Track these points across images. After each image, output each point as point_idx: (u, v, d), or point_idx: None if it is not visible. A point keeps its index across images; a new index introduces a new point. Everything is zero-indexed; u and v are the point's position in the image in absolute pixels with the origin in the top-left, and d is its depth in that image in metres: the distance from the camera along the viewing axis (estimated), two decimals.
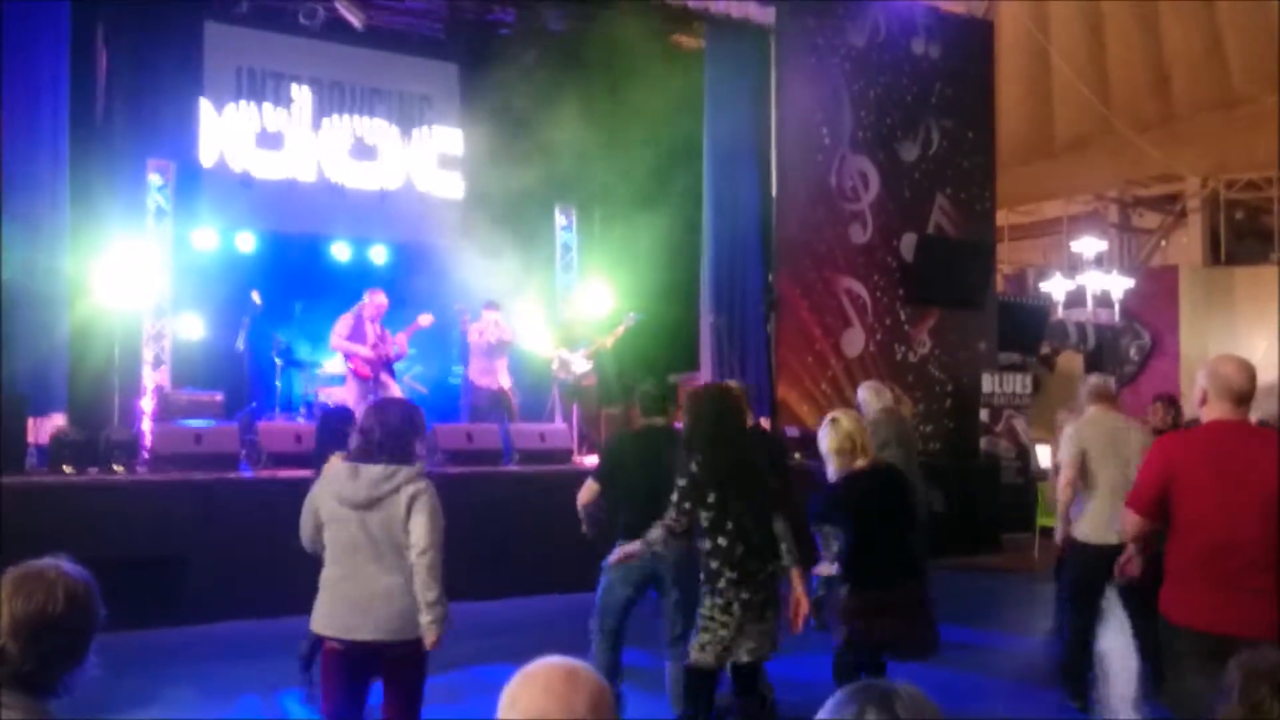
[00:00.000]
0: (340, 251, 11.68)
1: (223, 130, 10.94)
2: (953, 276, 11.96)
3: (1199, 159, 18.52)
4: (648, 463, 4.80)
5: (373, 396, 9.37)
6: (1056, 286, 17.31)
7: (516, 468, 8.71)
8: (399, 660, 3.61)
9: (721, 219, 10.77)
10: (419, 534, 3.55)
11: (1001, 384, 12.19)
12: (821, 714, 1.51)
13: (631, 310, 10.69)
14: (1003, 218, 16.78)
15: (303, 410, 10.08)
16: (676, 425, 4.99)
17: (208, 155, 10.65)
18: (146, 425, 8.78)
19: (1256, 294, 17.35)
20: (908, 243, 11.77)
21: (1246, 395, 3.46)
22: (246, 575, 7.09)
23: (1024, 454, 12.13)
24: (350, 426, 4.24)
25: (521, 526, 8.04)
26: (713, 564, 4.05)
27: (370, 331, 9.50)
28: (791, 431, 10.06)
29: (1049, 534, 7.60)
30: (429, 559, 3.55)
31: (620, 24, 9.94)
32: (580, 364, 10.44)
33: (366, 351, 9.42)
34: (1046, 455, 10.64)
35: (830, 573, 4.95)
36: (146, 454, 7.81)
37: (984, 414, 12.07)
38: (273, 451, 8.01)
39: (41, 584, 1.97)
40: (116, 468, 7.40)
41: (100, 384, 8.50)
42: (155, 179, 9.85)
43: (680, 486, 4.09)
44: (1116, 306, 17.46)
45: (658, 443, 4.91)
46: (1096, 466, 5.31)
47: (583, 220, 12.91)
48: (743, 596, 4.00)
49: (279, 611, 6.58)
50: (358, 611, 3.57)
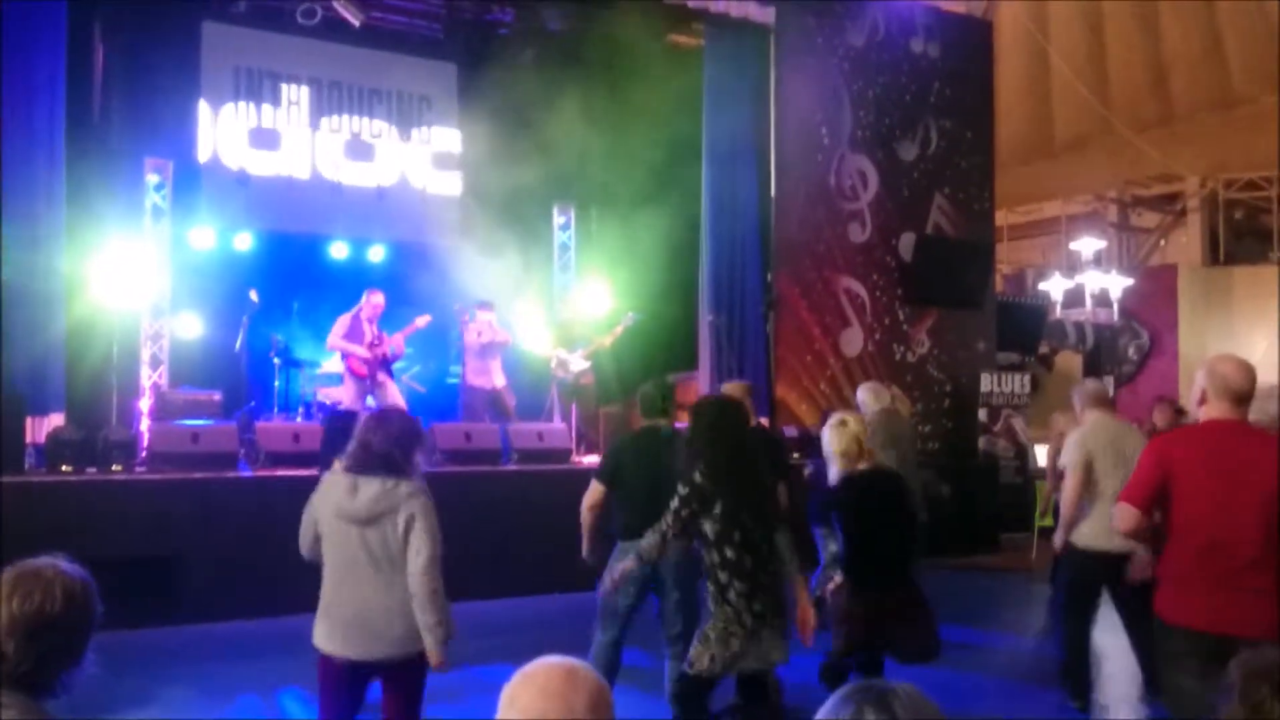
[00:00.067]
0: (338, 251, 11.66)
1: (220, 130, 10.93)
2: (951, 276, 11.95)
3: (1198, 159, 18.53)
4: (648, 464, 4.79)
5: (370, 396, 9.39)
6: (1055, 286, 17.33)
7: (515, 467, 8.71)
8: (399, 668, 3.60)
9: (720, 218, 10.77)
10: (416, 561, 3.51)
11: (1000, 384, 12.20)
12: (820, 715, 1.50)
13: (630, 309, 10.67)
14: (1002, 217, 16.80)
15: (301, 410, 10.08)
16: (677, 426, 4.98)
17: (205, 155, 10.65)
18: (144, 425, 8.79)
19: (1255, 294, 17.39)
20: (906, 242, 11.76)
21: (1245, 395, 3.46)
22: (245, 575, 7.09)
23: (1022, 454, 12.11)
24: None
25: (520, 526, 8.04)
26: (721, 576, 3.96)
27: (368, 331, 9.50)
28: (790, 431, 10.06)
29: (1047, 534, 7.60)
30: (427, 583, 3.51)
31: (619, 23, 9.92)
32: (579, 363, 10.43)
33: (363, 351, 9.43)
34: (1044, 455, 10.63)
35: (838, 582, 4.92)
36: (144, 453, 7.80)
37: (982, 414, 12.07)
38: (271, 451, 8.00)
39: (39, 583, 1.96)
40: (114, 467, 7.38)
41: (98, 383, 8.51)
42: (153, 178, 9.86)
43: (682, 494, 4.01)
44: (1115, 306, 17.48)
45: (658, 443, 4.90)
46: (1102, 473, 5.29)
47: (581, 220, 12.89)
48: (754, 608, 3.94)
49: (277, 611, 6.59)
50: (358, 629, 3.54)
